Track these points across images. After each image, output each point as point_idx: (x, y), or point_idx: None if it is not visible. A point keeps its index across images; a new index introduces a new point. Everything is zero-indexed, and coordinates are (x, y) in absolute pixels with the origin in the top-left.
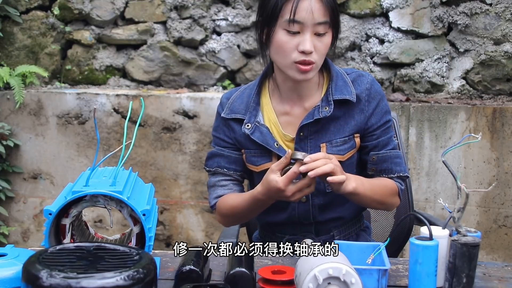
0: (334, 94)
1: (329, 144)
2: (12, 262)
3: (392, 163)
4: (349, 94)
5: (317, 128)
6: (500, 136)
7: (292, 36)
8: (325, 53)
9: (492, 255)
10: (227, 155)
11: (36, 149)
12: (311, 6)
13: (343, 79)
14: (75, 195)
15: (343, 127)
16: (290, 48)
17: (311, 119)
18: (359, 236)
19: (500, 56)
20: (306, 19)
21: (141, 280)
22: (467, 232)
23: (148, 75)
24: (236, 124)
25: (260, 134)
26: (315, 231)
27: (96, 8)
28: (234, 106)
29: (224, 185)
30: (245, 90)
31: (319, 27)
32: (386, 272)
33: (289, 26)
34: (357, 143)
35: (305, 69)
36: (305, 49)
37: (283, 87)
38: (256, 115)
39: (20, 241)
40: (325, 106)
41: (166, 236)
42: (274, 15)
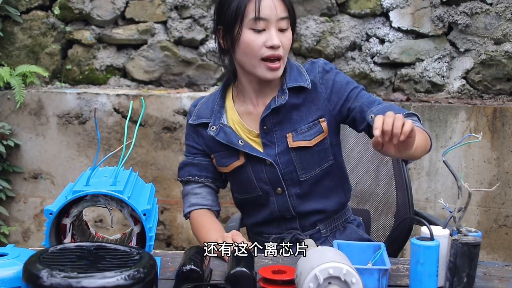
0: (288, 83)
1: (294, 132)
2: (13, 262)
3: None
4: (304, 81)
5: (279, 119)
6: (500, 136)
7: (258, 34)
8: (289, 48)
9: (492, 254)
10: (197, 163)
11: (37, 149)
12: (273, 2)
13: (298, 70)
14: (76, 195)
15: (305, 114)
16: (258, 46)
17: (268, 110)
18: (346, 228)
19: (500, 56)
20: (270, 15)
21: (142, 280)
22: (467, 231)
23: (149, 75)
24: (203, 129)
25: (224, 134)
26: (300, 226)
27: (97, 8)
28: (200, 112)
29: (197, 193)
30: (211, 97)
31: (281, 23)
32: (387, 272)
33: (255, 24)
34: (324, 127)
35: (275, 66)
36: (274, 44)
37: (247, 90)
38: (221, 117)
39: (20, 241)
40: (281, 95)
41: (166, 236)
42: (237, 17)
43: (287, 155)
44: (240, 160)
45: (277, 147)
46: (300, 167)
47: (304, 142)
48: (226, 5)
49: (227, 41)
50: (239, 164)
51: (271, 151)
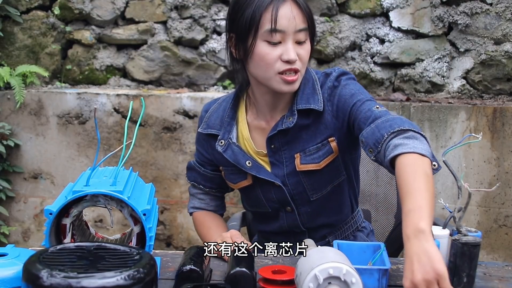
0: (299, 104)
1: (303, 153)
2: (13, 262)
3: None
4: (315, 103)
5: (287, 138)
6: (500, 135)
7: (273, 47)
8: (307, 61)
9: (492, 254)
10: (203, 174)
11: (37, 149)
12: (292, 12)
13: (313, 86)
14: (76, 195)
15: (314, 134)
16: (273, 59)
17: (275, 131)
18: (356, 237)
19: (500, 56)
20: (287, 27)
21: (142, 280)
22: (467, 231)
23: (149, 75)
24: (212, 140)
25: (232, 153)
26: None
27: (97, 8)
28: (211, 120)
29: (201, 199)
30: (222, 103)
31: (299, 35)
32: (387, 272)
33: (271, 36)
34: (334, 147)
35: (292, 79)
36: (290, 58)
37: (260, 102)
38: (230, 131)
39: (20, 241)
40: (289, 116)
41: (166, 236)
42: (251, 27)
43: (295, 176)
44: (248, 180)
45: (286, 168)
46: (310, 188)
47: (312, 166)
48: (239, 12)
49: (239, 51)
50: (247, 184)
51: (279, 172)
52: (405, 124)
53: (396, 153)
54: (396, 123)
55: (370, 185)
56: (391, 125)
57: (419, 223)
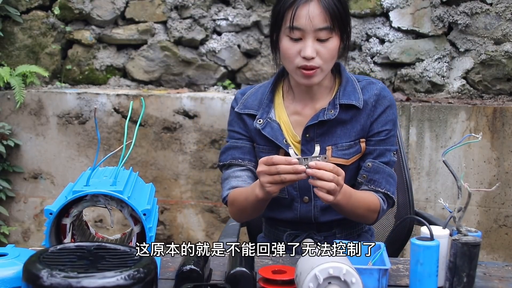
0: (341, 98)
1: (335, 147)
2: (13, 262)
3: (384, 178)
4: (356, 100)
5: (323, 130)
6: (500, 136)
7: (294, 43)
8: (332, 58)
9: (492, 254)
10: (241, 146)
11: (37, 149)
12: (310, 12)
13: (353, 85)
14: (76, 195)
15: (349, 131)
16: (293, 54)
17: (316, 120)
18: (361, 236)
19: (500, 56)
20: (305, 25)
21: (142, 280)
22: (467, 231)
23: (149, 75)
24: (249, 119)
25: (271, 129)
26: (317, 228)
27: (97, 8)
28: (248, 102)
29: (238, 176)
30: (260, 88)
31: (320, 33)
32: (387, 272)
33: (291, 33)
34: (363, 148)
35: (308, 73)
36: (306, 55)
37: (296, 89)
38: (269, 111)
39: (20, 241)
40: (331, 109)
41: (166, 236)
42: (278, 22)
43: None
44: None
45: None
46: None
47: (342, 160)
48: (275, 5)
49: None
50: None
51: None
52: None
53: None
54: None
55: None
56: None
57: None
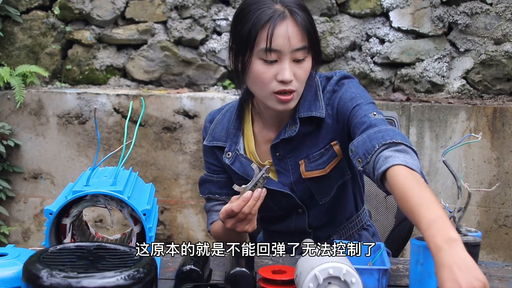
0: (301, 112)
1: (307, 160)
2: (13, 262)
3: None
4: (317, 109)
5: (292, 146)
6: (500, 136)
7: (269, 65)
8: (306, 79)
9: (492, 254)
10: (216, 181)
11: (37, 149)
12: (288, 32)
13: (315, 93)
14: (76, 195)
15: (316, 139)
16: (268, 79)
17: (278, 139)
18: (361, 236)
19: (500, 56)
20: (283, 46)
21: (142, 280)
22: (467, 231)
23: (149, 75)
24: (219, 152)
25: (240, 164)
26: (314, 238)
27: (97, 8)
28: (216, 132)
29: (218, 210)
30: (226, 114)
31: (297, 53)
32: (387, 272)
33: (266, 55)
34: (337, 150)
35: (286, 99)
36: (284, 79)
37: (266, 114)
38: (237, 142)
39: (20, 241)
40: (292, 124)
41: (166, 236)
42: (248, 44)
43: (302, 183)
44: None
45: (292, 175)
46: (318, 192)
47: (317, 172)
48: (239, 25)
49: (238, 63)
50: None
51: (286, 180)
52: (397, 136)
53: (388, 166)
54: (389, 134)
55: (370, 185)
56: (383, 136)
57: (449, 232)
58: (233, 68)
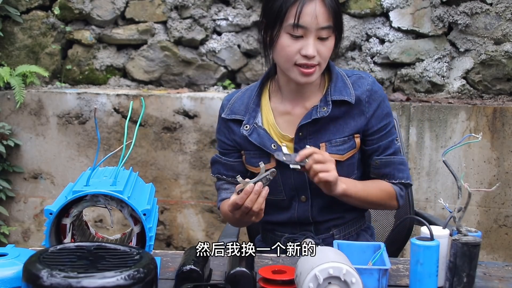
0: (333, 95)
1: (329, 143)
2: (13, 262)
3: (395, 169)
4: (348, 95)
5: (316, 128)
6: (500, 136)
7: (295, 40)
8: (328, 56)
9: (492, 255)
10: (224, 163)
11: (37, 149)
12: (316, 10)
13: (343, 81)
14: (76, 195)
15: (342, 127)
16: (292, 52)
17: (309, 119)
18: (360, 235)
19: (500, 56)
20: (310, 23)
21: (142, 280)
22: (467, 231)
23: (149, 75)
24: (235, 126)
25: (258, 136)
26: (314, 230)
27: (97, 8)
28: (235, 107)
29: (226, 188)
30: (246, 92)
31: (322, 32)
32: (387, 272)
33: (293, 30)
34: (357, 143)
35: (308, 72)
36: (308, 54)
37: (285, 88)
38: (255, 116)
39: (20, 241)
40: (323, 106)
41: (166, 236)
42: (278, 19)
43: None
44: (271, 163)
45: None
46: None
47: (337, 156)
48: (270, 2)
49: (266, 37)
50: (270, 168)
51: None
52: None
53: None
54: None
55: None
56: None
57: None
58: (261, 42)
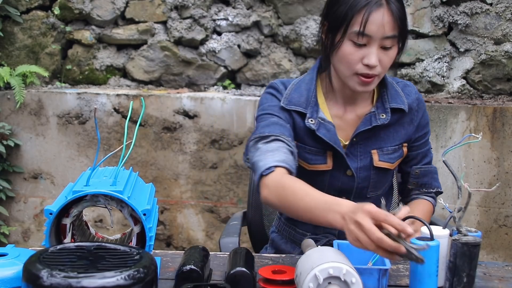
0: (391, 102)
1: (380, 151)
2: (13, 262)
3: (432, 178)
4: (402, 103)
5: (368, 134)
6: (500, 136)
7: (358, 48)
8: (389, 66)
9: (492, 254)
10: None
11: (37, 149)
12: (383, 19)
13: (394, 88)
14: (76, 195)
15: (393, 135)
16: (354, 60)
17: (369, 125)
18: None
19: (500, 56)
20: (375, 32)
21: (142, 280)
22: (467, 231)
23: (149, 75)
24: (296, 116)
25: (327, 131)
26: (338, 234)
27: (97, 8)
28: (293, 98)
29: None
30: (301, 84)
31: (386, 41)
32: (387, 272)
33: (357, 38)
34: (405, 152)
35: (367, 81)
36: (370, 63)
37: (340, 93)
38: (318, 111)
39: (20, 241)
40: (382, 113)
41: (166, 236)
42: (342, 25)
43: (367, 171)
44: (327, 165)
45: (360, 161)
46: (373, 185)
47: (387, 164)
48: (336, 6)
49: (327, 40)
50: (324, 169)
51: (352, 164)
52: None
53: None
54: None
55: None
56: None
57: None
58: (320, 42)
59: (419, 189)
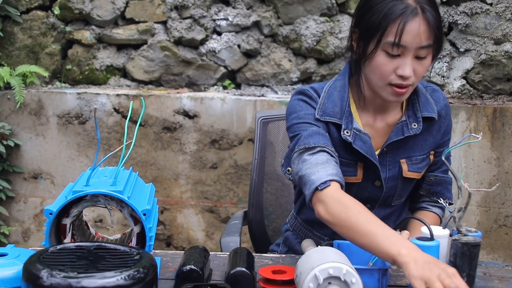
0: (423, 111)
1: (409, 160)
2: (13, 262)
3: (445, 188)
4: (433, 111)
5: (398, 144)
6: (500, 136)
7: (391, 59)
8: (422, 76)
9: (492, 254)
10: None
11: (37, 149)
12: (419, 29)
13: (424, 95)
14: (76, 195)
15: (421, 143)
16: (388, 71)
17: (401, 135)
18: None
19: (500, 56)
20: (410, 43)
21: (142, 280)
22: (467, 231)
23: (149, 75)
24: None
25: (363, 143)
26: None
27: (97, 8)
28: (327, 108)
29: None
30: (332, 92)
31: (421, 51)
32: (387, 272)
33: (391, 49)
34: (431, 160)
35: (401, 92)
36: (405, 74)
37: (370, 101)
38: (352, 121)
39: (20, 241)
40: (414, 122)
41: (166, 236)
42: (375, 34)
43: (395, 181)
44: (357, 177)
45: (388, 171)
46: (399, 194)
47: (415, 174)
48: (369, 13)
49: (359, 49)
50: (354, 181)
51: (382, 174)
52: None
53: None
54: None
55: None
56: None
57: None
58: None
59: (430, 197)
